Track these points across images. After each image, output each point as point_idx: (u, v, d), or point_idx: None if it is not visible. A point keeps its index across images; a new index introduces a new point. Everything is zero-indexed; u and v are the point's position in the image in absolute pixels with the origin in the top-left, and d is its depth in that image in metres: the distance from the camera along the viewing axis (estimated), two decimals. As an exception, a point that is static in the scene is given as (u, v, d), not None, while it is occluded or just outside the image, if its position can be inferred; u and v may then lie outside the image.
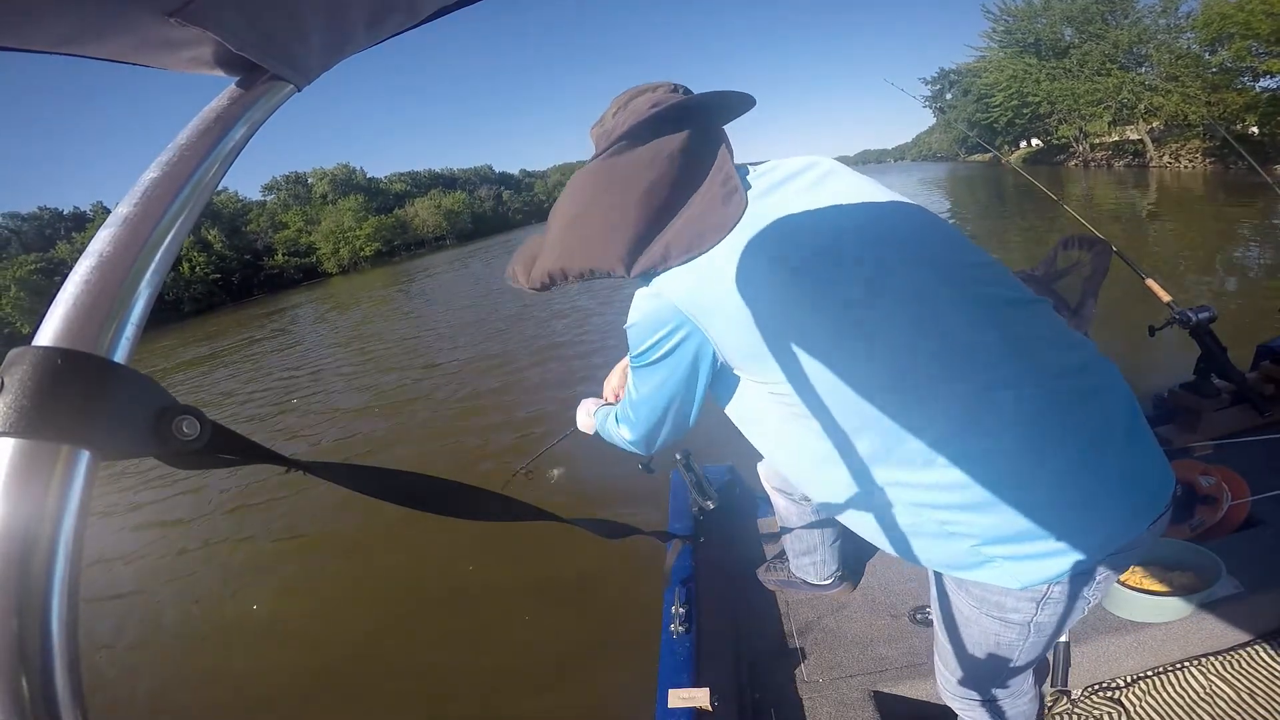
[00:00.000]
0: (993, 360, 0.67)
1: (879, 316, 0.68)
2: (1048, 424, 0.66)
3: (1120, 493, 0.67)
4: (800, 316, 0.69)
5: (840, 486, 0.75)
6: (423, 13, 0.39)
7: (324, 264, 54.83)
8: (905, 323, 0.68)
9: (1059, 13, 24.49)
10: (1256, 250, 6.92)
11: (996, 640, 0.80)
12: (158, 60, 0.33)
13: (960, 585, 0.78)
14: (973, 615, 0.79)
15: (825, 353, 0.68)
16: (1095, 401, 0.69)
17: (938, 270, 0.71)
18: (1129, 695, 1.23)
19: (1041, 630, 0.77)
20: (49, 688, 0.22)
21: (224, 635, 2.84)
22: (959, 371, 0.66)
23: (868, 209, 0.77)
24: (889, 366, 0.67)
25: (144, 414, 0.27)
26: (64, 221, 49.40)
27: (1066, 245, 1.65)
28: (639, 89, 0.84)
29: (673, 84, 0.84)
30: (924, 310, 0.68)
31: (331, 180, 61.18)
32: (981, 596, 0.75)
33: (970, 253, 0.76)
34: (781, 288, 0.70)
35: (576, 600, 2.53)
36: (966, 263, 0.74)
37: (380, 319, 14.53)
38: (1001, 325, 0.69)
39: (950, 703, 0.99)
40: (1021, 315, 0.71)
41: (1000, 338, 0.68)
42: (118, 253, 0.28)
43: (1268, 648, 1.23)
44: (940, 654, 0.93)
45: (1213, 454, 1.68)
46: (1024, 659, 0.83)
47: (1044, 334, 0.71)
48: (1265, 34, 15.95)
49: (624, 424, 0.94)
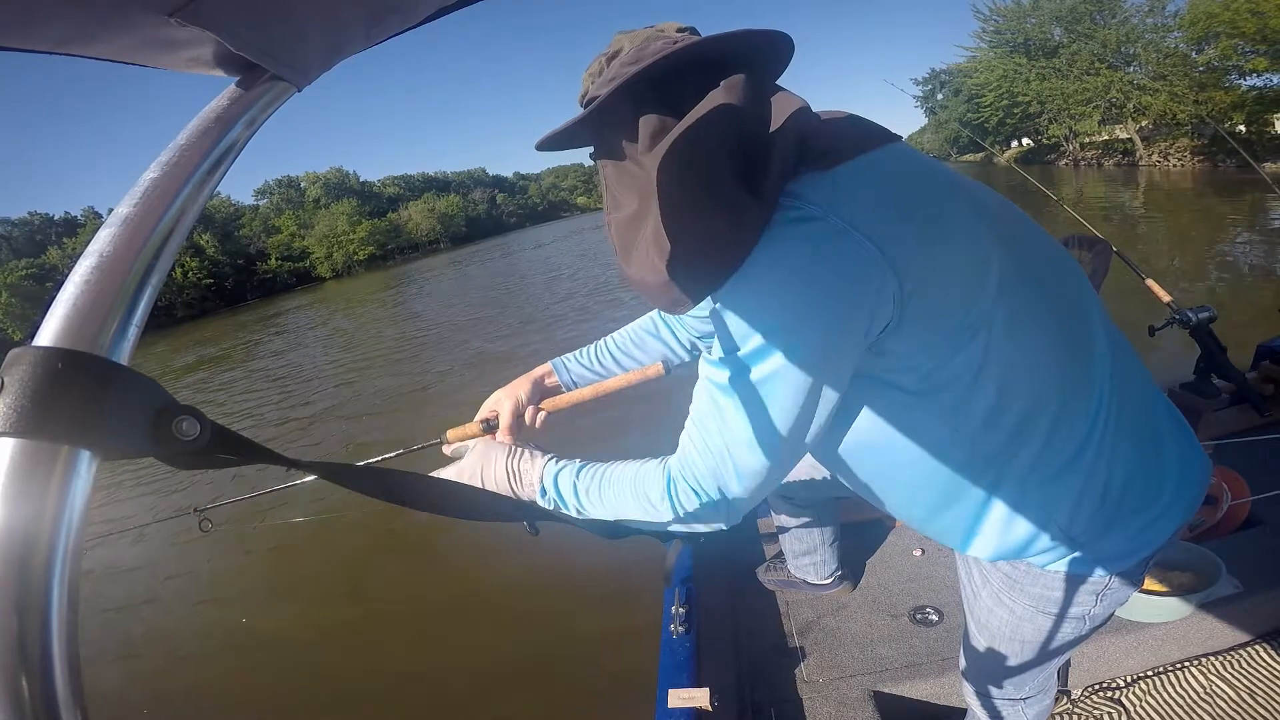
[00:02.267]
0: (1093, 352, 0.66)
1: (1029, 300, 0.62)
2: (1125, 419, 0.67)
3: (1176, 485, 0.68)
4: (994, 279, 0.59)
5: (938, 484, 0.67)
6: (422, 13, 0.39)
7: (317, 268, 54.70)
8: (1043, 310, 0.63)
9: (1048, 13, 24.66)
10: (1252, 248, 6.97)
11: (1049, 638, 0.78)
12: (158, 60, 0.33)
13: (1015, 585, 0.74)
14: (1027, 615, 0.77)
15: (1000, 326, 0.59)
16: (1147, 397, 0.70)
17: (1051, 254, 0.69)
18: (1129, 695, 1.24)
19: (1094, 623, 0.76)
20: (49, 688, 0.22)
21: (223, 640, 2.82)
22: (1076, 362, 0.65)
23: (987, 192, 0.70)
24: (1033, 352, 0.62)
25: (144, 414, 0.27)
26: (55, 227, 49.07)
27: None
28: (643, 36, 0.64)
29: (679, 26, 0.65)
30: (1049, 300, 0.65)
31: (324, 184, 61.05)
32: (1041, 594, 0.73)
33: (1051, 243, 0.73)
34: (984, 239, 0.59)
35: (576, 600, 2.52)
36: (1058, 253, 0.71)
37: (379, 322, 14.48)
38: (1098, 316, 0.69)
39: (974, 703, 0.96)
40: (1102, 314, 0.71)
41: (1099, 329, 0.68)
42: (118, 253, 0.28)
43: (1268, 648, 1.23)
44: (973, 657, 0.90)
45: (1213, 454, 1.67)
46: (1064, 655, 0.83)
47: (1120, 335, 0.72)
48: (1251, 33, 16.11)
49: (698, 491, 0.63)
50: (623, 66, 0.60)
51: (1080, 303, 0.68)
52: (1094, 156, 25.77)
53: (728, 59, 0.58)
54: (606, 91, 0.57)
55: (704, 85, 0.57)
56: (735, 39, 0.58)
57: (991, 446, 0.63)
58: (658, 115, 0.58)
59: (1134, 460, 0.66)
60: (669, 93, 0.58)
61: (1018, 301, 0.60)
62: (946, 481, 0.66)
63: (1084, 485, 0.65)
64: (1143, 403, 0.70)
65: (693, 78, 0.58)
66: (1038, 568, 0.71)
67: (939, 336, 0.58)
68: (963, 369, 0.59)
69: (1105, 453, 0.65)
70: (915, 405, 0.62)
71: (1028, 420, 0.62)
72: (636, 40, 0.62)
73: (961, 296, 0.58)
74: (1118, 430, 0.65)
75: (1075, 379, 0.64)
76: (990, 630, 0.83)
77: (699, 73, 0.58)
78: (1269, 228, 7.82)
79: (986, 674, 0.90)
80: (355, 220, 57.12)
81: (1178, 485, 0.69)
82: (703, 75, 0.57)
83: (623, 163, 0.62)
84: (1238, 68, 18.01)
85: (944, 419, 0.62)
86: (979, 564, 0.78)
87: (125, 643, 2.95)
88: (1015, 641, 0.81)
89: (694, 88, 0.57)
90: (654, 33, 0.63)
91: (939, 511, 0.71)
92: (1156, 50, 21.30)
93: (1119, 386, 0.67)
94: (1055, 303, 0.64)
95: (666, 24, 0.65)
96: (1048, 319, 0.63)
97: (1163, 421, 0.71)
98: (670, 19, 0.67)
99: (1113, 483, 0.65)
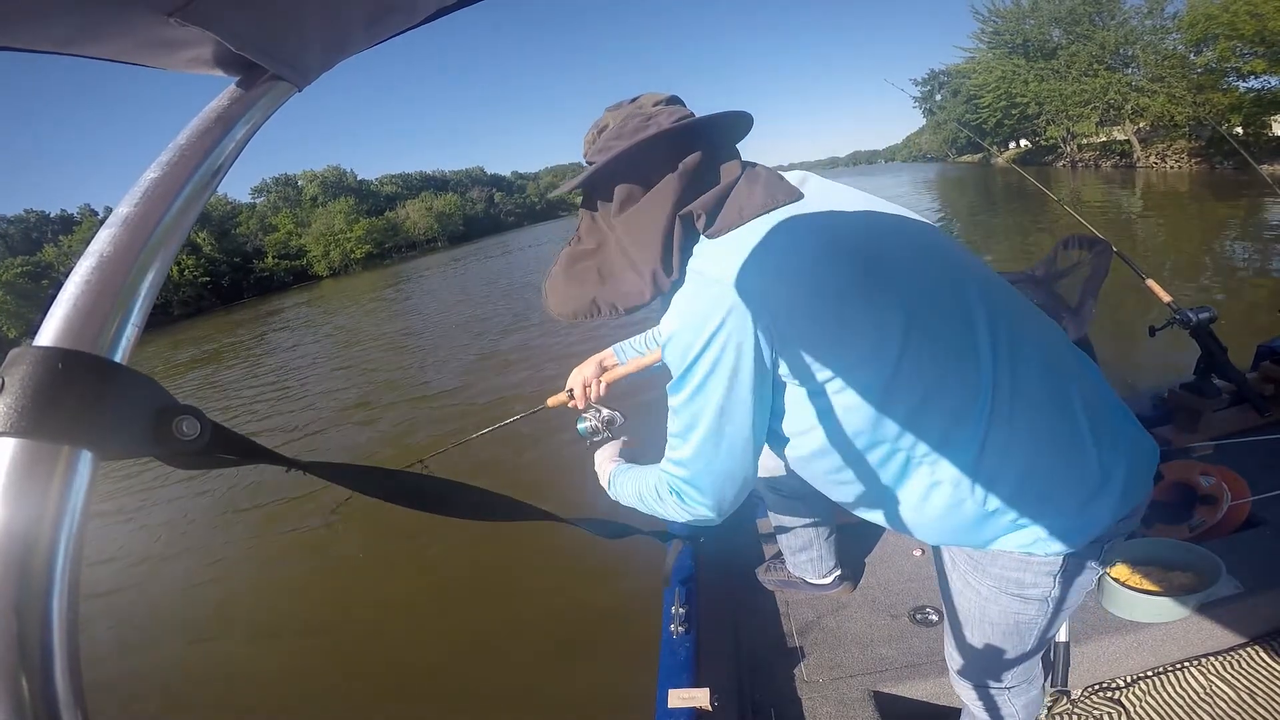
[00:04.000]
0: (977, 338, 0.71)
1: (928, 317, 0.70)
2: (1062, 401, 0.72)
3: (1105, 467, 0.71)
4: (872, 310, 0.69)
5: (866, 474, 0.75)
6: (422, 13, 0.39)
7: (314, 267, 54.57)
8: (951, 319, 0.71)
9: (1046, 14, 24.72)
10: (1250, 249, 6.99)
11: (1016, 620, 0.82)
12: (158, 60, 0.33)
13: (978, 567, 0.79)
14: (991, 596, 0.80)
15: (882, 348, 0.68)
16: (1058, 379, 0.74)
17: (969, 274, 0.76)
18: (1129, 695, 1.24)
19: (1058, 606, 0.80)
20: (49, 688, 0.22)
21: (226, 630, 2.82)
22: (955, 355, 0.70)
23: (891, 218, 0.80)
24: (925, 354, 0.69)
25: (144, 414, 0.27)
26: (50, 224, 48.96)
27: (1067, 245, 1.66)
28: (631, 113, 0.79)
29: (657, 100, 0.80)
30: (959, 309, 0.73)
31: (321, 182, 60.91)
32: (1001, 575, 0.77)
33: (978, 264, 0.81)
34: (859, 278, 0.69)
35: (576, 600, 2.53)
36: (983, 274, 0.79)
37: (374, 322, 14.47)
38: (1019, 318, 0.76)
39: (963, 693, 1.00)
40: (1030, 314, 0.79)
41: (979, 313, 0.73)
42: (118, 253, 0.27)
43: (1268, 648, 1.23)
44: (955, 644, 0.94)
45: (1213, 454, 1.68)
46: (1038, 639, 0.86)
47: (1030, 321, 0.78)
48: (1249, 34, 16.15)
49: (680, 492, 0.80)
50: (609, 140, 0.77)
51: (964, 300, 0.73)
52: (1091, 158, 25.85)
53: (692, 134, 0.75)
54: (593, 169, 0.75)
55: (671, 158, 0.74)
56: (700, 123, 0.75)
57: (896, 438, 0.70)
58: (628, 185, 0.75)
59: (1043, 442, 0.70)
60: (640, 166, 0.74)
61: (891, 309, 0.68)
62: (871, 476, 0.74)
63: (994, 469, 0.69)
64: (1047, 387, 0.72)
65: (661, 152, 0.74)
66: (992, 549, 0.75)
67: (822, 349, 0.69)
68: (851, 371, 0.69)
69: (1004, 436, 0.69)
70: (825, 406, 0.72)
71: (919, 413, 0.69)
72: (618, 118, 0.78)
73: (834, 315, 0.68)
74: (1013, 413, 0.69)
75: (962, 368, 0.69)
76: (963, 613, 0.87)
77: (667, 147, 0.74)
78: (1267, 228, 7.84)
79: (967, 661, 0.94)
80: (352, 219, 56.96)
81: (1108, 467, 0.71)
82: (670, 149, 0.74)
83: (595, 214, 0.80)
84: (1236, 70, 18.05)
85: (851, 416, 0.71)
86: (949, 548, 0.83)
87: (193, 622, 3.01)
88: (985, 624, 0.86)
89: (661, 160, 0.74)
90: (633, 109, 0.78)
91: (879, 504, 0.78)
92: (1155, 52, 21.37)
93: (1016, 370, 0.71)
94: (938, 304, 0.71)
95: (645, 98, 0.80)
96: (932, 321, 0.70)
97: (1078, 403, 0.73)
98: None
99: (1035, 468, 0.70)
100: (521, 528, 0.68)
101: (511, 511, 0.55)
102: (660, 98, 0.80)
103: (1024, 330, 0.75)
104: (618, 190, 0.75)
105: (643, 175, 0.74)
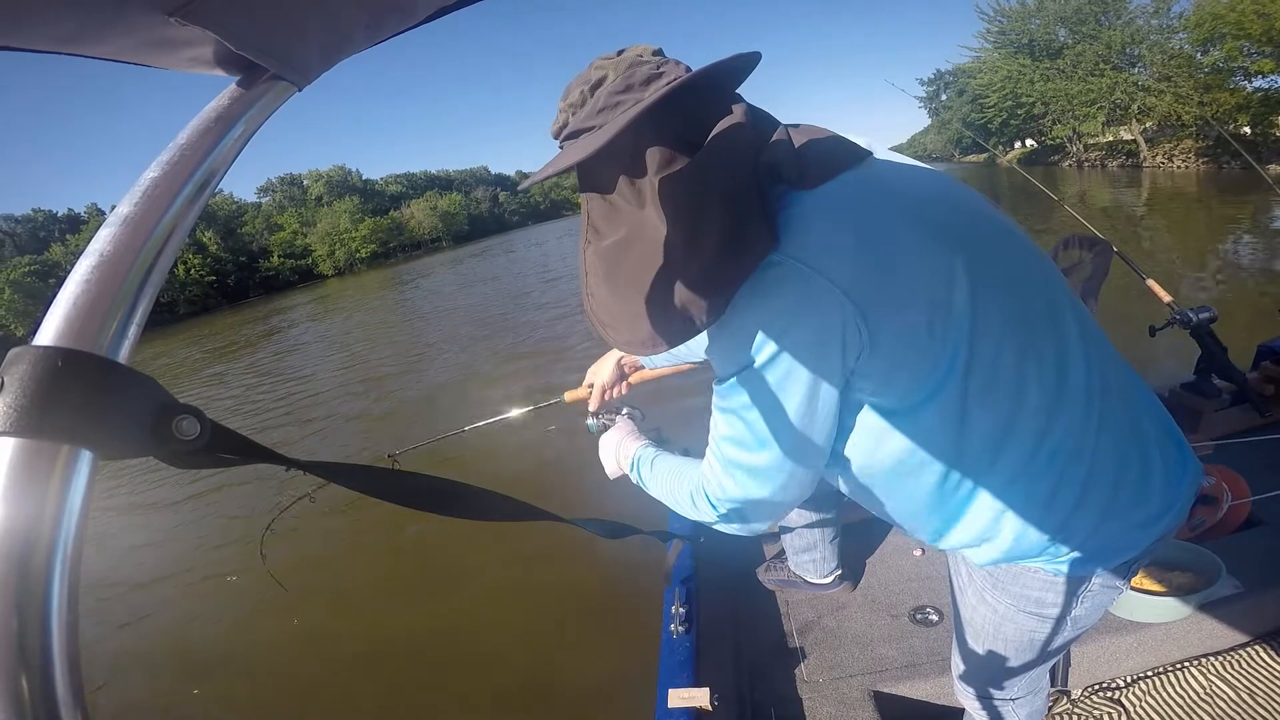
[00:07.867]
0: (1068, 356, 0.66)
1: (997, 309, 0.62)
2: (1140, 438, 0.69)
3: (1163, 490, 0.69)
4: (975, 319, 0.60)
5: (928, 498, 0.69)
6: (422, 13, 0.39)
7: (320, 266, 54.83)
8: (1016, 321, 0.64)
9: (1052, 13, 24.56)
10: (1254, 249, 6.95)
11: (1031, 637, 0.79)
12: (158, 60, 0.33)
13: (998, 584, 0.76)
14: (1008, 614, 0.78)
15: (972, 337, 0.61)
16: (1131, 399, 0.71)
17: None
18: (1129, 695, 1.24)
19: (1077, 625, 0.77)
20: (49, 688, 0.22)
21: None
22: (1047, 367, 0.65)
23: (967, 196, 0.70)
24: (1008, 362, 0.63)
25: (144, 414, 0.27)
26: (58, 224, 49.24)
27: (1067, 245, 1.65)
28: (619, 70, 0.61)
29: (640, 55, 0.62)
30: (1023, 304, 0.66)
31: (327, 182, 61.16)
32: (1021, 594, 0.74)
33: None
34: (942, 258, 0.60)
35: (576, 600, 2.53)
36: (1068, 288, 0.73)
37: (379, 320, 14.50)
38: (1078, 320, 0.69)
39: (966, 701, 0.98)
40: (1104, 339, 0.72)
41: (1073, 333, 0.67)
42: (118, 252, 0.27)
43: (1268, 648, 1.23)
44: (962, 654, 0.91)
45: (1213, 454, 1.68)
46: (1052, 655, 0.84)
47: (1101, 336, 0.73)
48: (1257, 34, 16.03)
49: (721, 498, 0.70)
50: (613, 95, 0.59)
51: (1055, 307, 0.67)
52: (1098, 158, 25.69)
53: (714, 83, 0.60)
54: (616, 127, 0.55)
55: (700, 114, 0.59)
56: (721, 66, 0.59)
57: (971, 454, 0.64)
58: (665, 148, 0.58)
59: (1116, 464, 0.67)
60: (669, 124, 0.58)
61: (988, 312, 0.61)
62: (930, 490, 0.68)
63: (1064, 488, 0.65)
64: (1125, 406, 0.69)
65: (688, 106, 0.59)
66: (1019, 565, 0.72)
67: (912, 356, 0.60)
68: (938, 383, 0.61)
69: (1085, 457, 0.65)
70: (896, 420, 0.64)
71: (1006, 427, 0.63)
72: (620, 68, 0.60)
73: (926, 316, 0.59)
74: (1099, 434, 0.66)
75: (1051, 384, 0.64)
76: (975, 627, 0.85)
77: (694, 101, 0.59)
78: (1271, 229, 7.79)
79: (974, 672, 0.91)
80: (358, 218, 57.25)
81: (1165, 490, 0.69)
82: (697, 103, 0.59)
83: (611, 195, 0.62)
84: (1243, 69, 17.92)
85: (924, 431, 0.64)
86: (966, 561, 0.80)
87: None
88: (998, 640, 0.82)
89: (691, 117, 0.59)
90: (635, 58, 0.61)
91: (926, 516, 0.72)
92: (1161, 52, 21.21)
93: (1099, 390, 0.67)
94: (1028, 310, 0.64)
95: (635, 48, 0.64)
96: (1020, 328, 0.63)
97: (1148, 424, 0.71)
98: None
99: (1094, 486, 0.66)
100: (521, 527, 0.68)
101: (512, 512, 0.55)
102: (651, 48, 0.64)
103: (1107, 358, 0.70)
104: (651, 155, 0.58)
105: (675, 135, 0.58)
